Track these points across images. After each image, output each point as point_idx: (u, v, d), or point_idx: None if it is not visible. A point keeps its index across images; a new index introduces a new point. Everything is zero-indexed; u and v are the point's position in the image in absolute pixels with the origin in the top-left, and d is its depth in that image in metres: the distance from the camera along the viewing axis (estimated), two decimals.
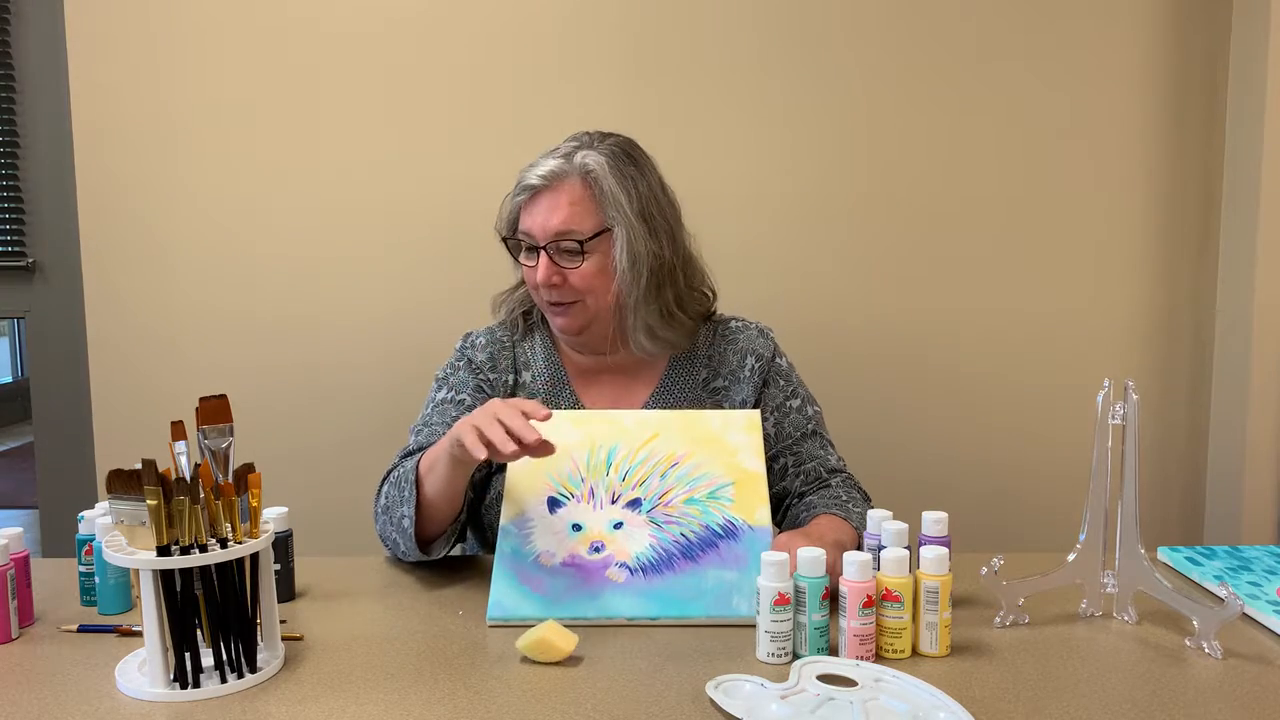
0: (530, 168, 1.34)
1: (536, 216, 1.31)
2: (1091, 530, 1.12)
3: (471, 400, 1.38)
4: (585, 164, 1.31)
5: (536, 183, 1.31)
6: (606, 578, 1.13)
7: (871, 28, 1.86)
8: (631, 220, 1.31)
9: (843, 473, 1.39)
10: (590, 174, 1.31)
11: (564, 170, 1.31)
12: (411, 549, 1.23)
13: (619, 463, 1.21)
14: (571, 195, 1.31)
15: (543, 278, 1.31)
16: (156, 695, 0.94)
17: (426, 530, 1.24)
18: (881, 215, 1.90)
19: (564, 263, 1.31)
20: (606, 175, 1.31)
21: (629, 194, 1.32)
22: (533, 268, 1.33)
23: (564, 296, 1.33)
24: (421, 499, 1.21)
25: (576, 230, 1.30)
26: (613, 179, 1.31)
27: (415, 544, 1.23)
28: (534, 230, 1.32)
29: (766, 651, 1.01)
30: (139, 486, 0.93)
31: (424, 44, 1.85)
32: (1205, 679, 0.98)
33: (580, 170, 1.31)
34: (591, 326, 1.36)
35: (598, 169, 1.31)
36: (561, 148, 1.35)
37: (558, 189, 1.31)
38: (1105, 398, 1.10)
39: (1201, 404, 1.95)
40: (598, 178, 1.31)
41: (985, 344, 1.93)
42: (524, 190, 1.32)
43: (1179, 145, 1.90)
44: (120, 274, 1.89)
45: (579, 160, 1.32)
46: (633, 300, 1.33)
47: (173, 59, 1.85)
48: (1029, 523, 1.94)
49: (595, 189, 1.31)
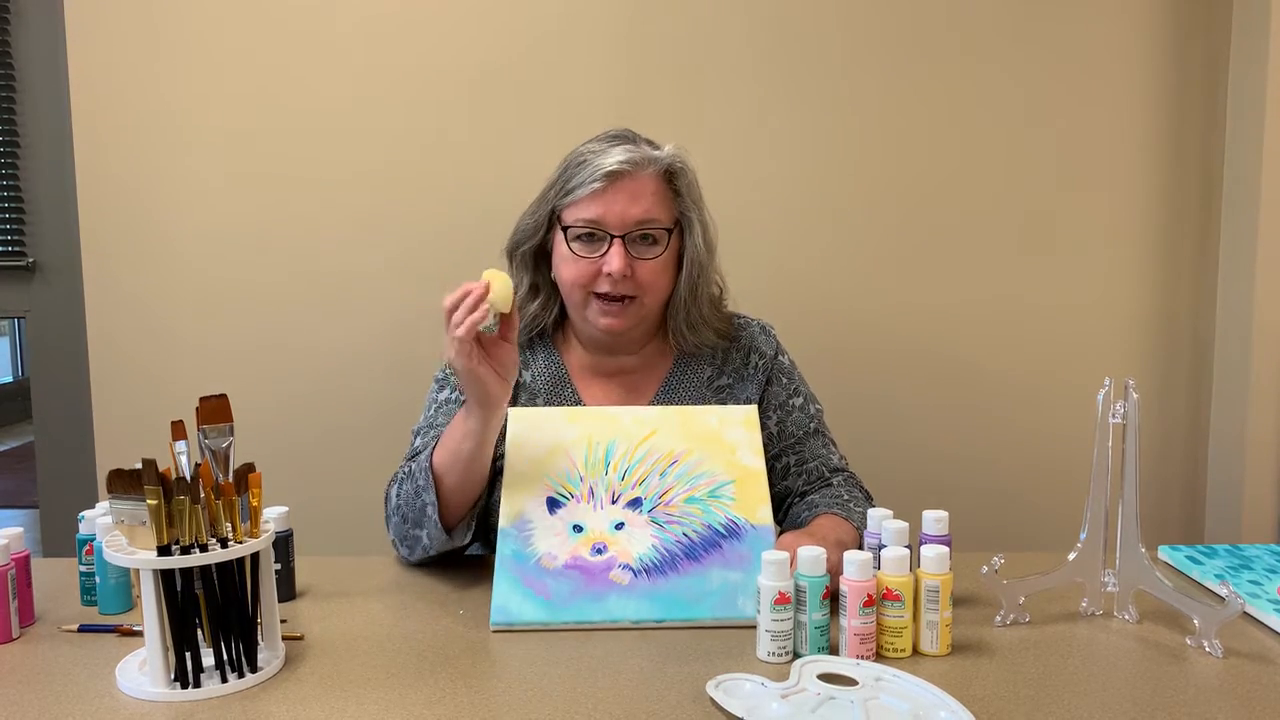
0: (594, 158, 1.28)
1: (615, 204, 1.27)
2: (1092, 529, 1.12)
3: None
4: (664, 155, 1.31)
5: (620, 168, 1.26)
6: (610, 580, 1.12)
7: (872, 26, 1.86)
8: (704, 213, 1.34)
9: (845, 472, 1.39)
10: (672, 165, 1.31)
11: (644, 159, 1.29)
12: (438, 537, 1.22)
13: (618, 460, 1.21)
14: (654, 185, 1.30)
15: (619, 267, 1.27)
16: (157, 695, 0.94)
17: (450, 517, 1.23)
18: (881, 214, 1.90)
19: (639, 254, 1.30)
20: (686, 164, 1.32)
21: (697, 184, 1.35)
22: (590, 259, 1.29)
23: (627, 290, 1.30)
24: (440, 485, 1.20)
25: (660, 220, 1.30)
26: (689, 166, 1.33)
27: (442, 530, 1.21)
28: (609, 218, 1.27)
29: (767, 651, 1.01)
30: (139, 486, 0.93)
31: (427, 45, 1.85)
32: (1206, 678, 0.98)
33: (661, 161, 1.30)
34: (636, 327, 1.36)
35: (680, 162, 1.32)
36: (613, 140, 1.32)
37: (639, 177, 1.28)
38: (1106, 396, 1.09)
39: (1202, 402, 1.95)
40: (680, 170, 1.31)
41: (986, 343, 1.93)
42: (602, 178, 1.26)
43: (1180, 144, 1.89)
44: (120, 273, 1.88)
45: (655, 153, 1.31)
46: (700, 293, 1.36)
47: (173, 58, 1.85)
48: (1029, 522, 1.94)
49: (677, 180, 1.32)
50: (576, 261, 1.30)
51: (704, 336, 1.38)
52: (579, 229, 1.30)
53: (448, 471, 1.20)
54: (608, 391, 1.40)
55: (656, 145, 1.34)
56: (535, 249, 1.37)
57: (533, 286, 1.39)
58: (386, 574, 1.28)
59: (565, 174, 1.32)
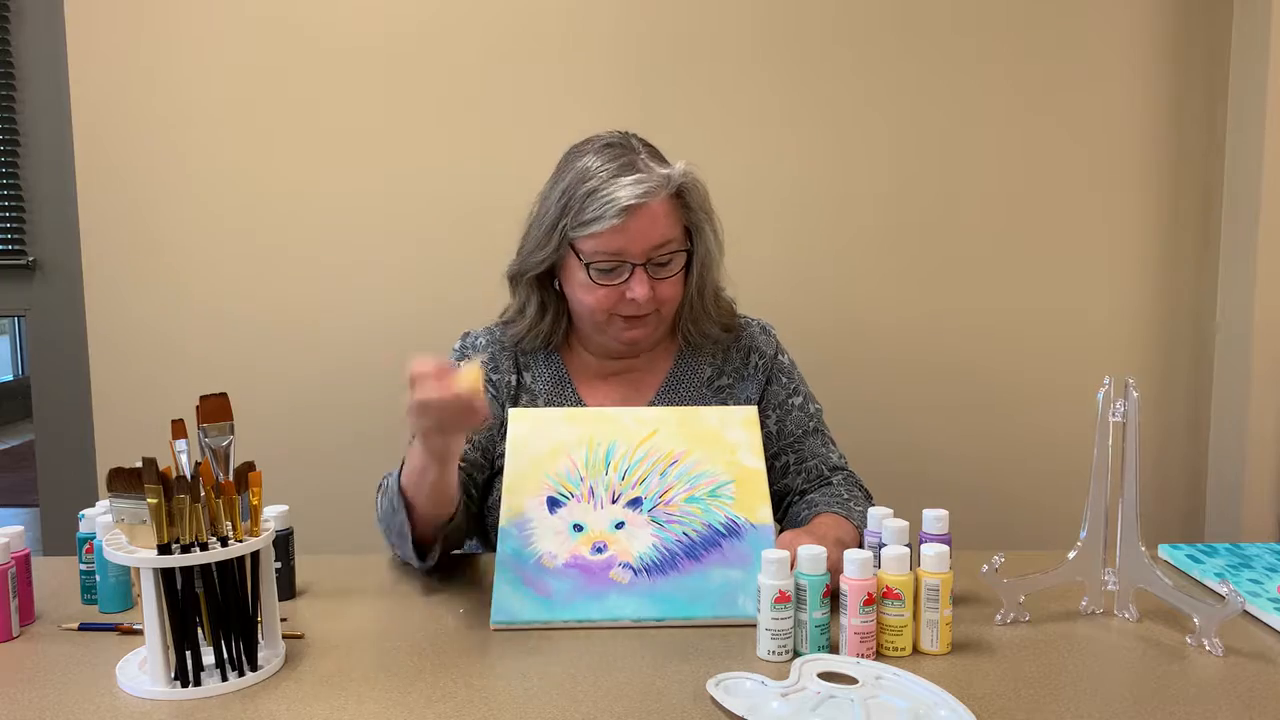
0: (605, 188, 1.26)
1: (634, 235, 1.27)
2: (1092, 528, 1.12)
3: None
4: (674, 174, 1.30)
5: (637, 202, 1.25)
6: (610, 579, 1.13)
7: (873, 28, 1.86)
8: (713, 218, 1.35)
9: (844, 470, 1.39)
10: (681, 183, 1.30)
11: (656, 185, 1.27)
12: (413, 556, 1.22)
13: (618, 461, 1.21)
14: (666, 206, 1.29)
15: (644, 294, 1.28)
16: (157, 693, 0.94)
17: (426, 527, 1.23)
18: (881, 215, 1.90)
19: (657, 275, 1.30)
20: (697, 184, 1.32)
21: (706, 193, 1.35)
22: (612, 286, 1.29)
23: (650, 309, 1.31)
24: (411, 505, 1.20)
25: (675, 240, 1.31)
26: (699, 186, 1.33)
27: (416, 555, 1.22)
28: (630, 249, 1.27)
29: (767, 649, 1.01)
30: (139, 485, 0.93)
31: (427, 42, 1.85)
32: (1206, 676, 0.98)
33: (672, 182, 1.29)
34: (656, 333, 1.37)
35: (686, 177, 1.31)
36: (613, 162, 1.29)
37: (653, 205, 1.28)
38: (1106, 395, 1.09)
39: (1202, 401, 1.95)
40: (689, 186, 1.31)
41: (986, 342, 1.93)
42: (620, 213, 1.25)
43: (1180, 144, 1.89)
44: (121, 272, 1.88)
45: (663, 171, 1.29)
46: (710, 294, 1.38)
47: (173, 57, 1.85)
48: (1030, 520, 1.94)
49: (687, 196, 1.31)
50: (597, 290, 1.30)
51: (707, 328, 1.40)
52: (600, 262, 1.29)
53: (415, 494, 1.20)
54: (608, 391, 1.40)
55: (658, 155, 1.33)
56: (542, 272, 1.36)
57: (541, 305, 1.38)
58: (386, 573, 1.28)
59: (575, 202, 1.28)
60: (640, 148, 1.33)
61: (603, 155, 1.30)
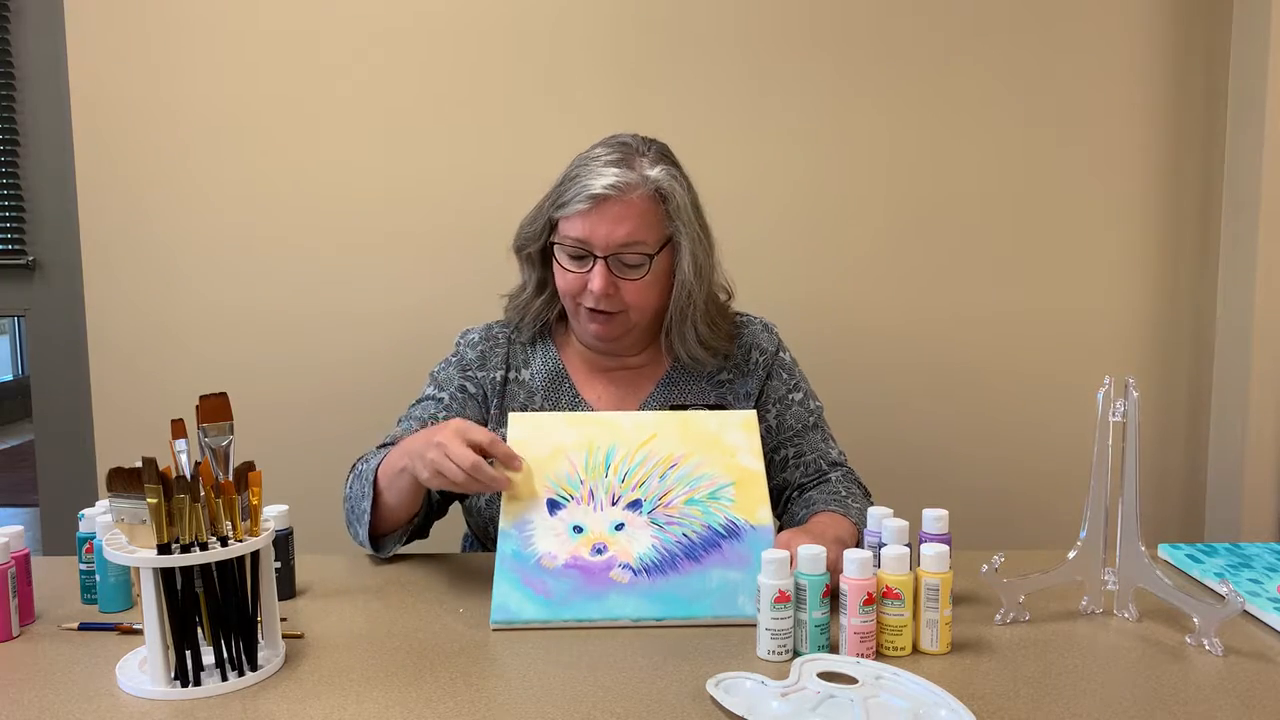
0: (586, 175, 1.28)
1: (600, 226, 1.27)
2: (1092, 527, 1.12)
3: (450, 400, 1.38)
4: (655, 176, 1.29)
5: (606, 192, 1.26)
6: (610, 579, 1.13)
7: (873, 28, 1.86)
8: (696, 230, 1.31)
9: (843, 466, 1.39)
10: (662, 187, 1.29)
11: (633, 181, 1.27)
12: (366, 542, 1.28)
13: (617, 464, 1.21)
14: (641, 207, 1.28)
15: (600, 288, 1.28)
16: (157, 693, 0.94)
17: (382, 527, 1.28)
18: (882, 215, 1.90)
19: (622, 274, 1.30)
20: (676, 187, 1.30)
21: (692, 203, 1.32)
22: (578, 274, 1.30)
23: (612, 306, 1.31)
24: (379, 500, 1.25)
25: (643, 242, 1.29)
26: (680, 189, 1.30)
27: (370, 541, 1.28)
28: (594, 239, 1.28)
29: (767, 649, 1.01)
30: (139, 484, 0.93)
31: (425, 42, 1.85)
32: (1206, 676, 0.98)
33: (651, 182, 1.28)
34: (627, 335, 1.36)
35: (669, 181, 1.29)
36: (612, 154, 1.30)
37: (626, 200, 1.27)
38: (1106, 395, 1.09)
39: (1202, 401, 1.95)
40: (670, 191, 1.29)
41: (985, 342, 1.93)
42: (588, 199, 1.26)
43: (1180, 144, 1.89)
44: (120, 272, 1.88)
45: (648, 171, 1.29)
46: (692, 310, 1.33)
47: (173, 57, 1.85)
48: (1030, 520, 1.94)
49: (667, 202, 1.30)
50: (565, 274, 1.32)
51: (694, 351, 1.37)
52: (567, 246, 1.31)
53: (387, 489, 1.25)
54: (606, 387, 1.40)
55: (665, 160, 1.33)
56: (540, 249, 1.37)
57: (540, 282, 1.40)
58: (387, 572, 1.28)
59: (562, 185, 1.31)
60: (647, 150, 1.32)
61: (607, 147, 1.32)
